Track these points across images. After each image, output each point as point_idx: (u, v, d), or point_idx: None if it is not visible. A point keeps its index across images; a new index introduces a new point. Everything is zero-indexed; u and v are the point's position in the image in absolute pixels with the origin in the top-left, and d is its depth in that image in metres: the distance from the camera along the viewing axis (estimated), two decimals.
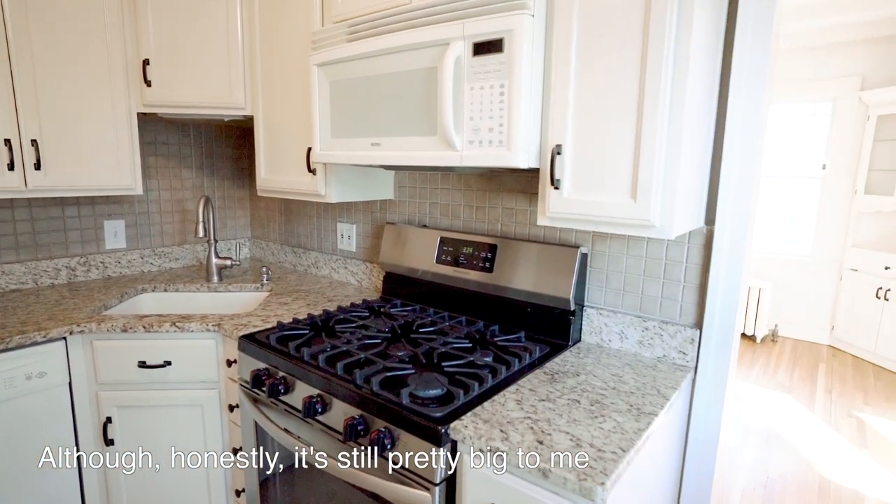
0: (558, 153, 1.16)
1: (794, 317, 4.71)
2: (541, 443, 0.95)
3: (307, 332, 1.51)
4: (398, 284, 1.89)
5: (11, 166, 1.65)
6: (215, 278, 2.20)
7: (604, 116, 1.10)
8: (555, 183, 1.18)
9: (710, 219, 1.33)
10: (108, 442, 1.66)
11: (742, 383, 3.69)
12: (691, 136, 1.11)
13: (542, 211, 1.24)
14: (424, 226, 1.86)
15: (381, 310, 1.73)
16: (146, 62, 1.88)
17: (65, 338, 1.58)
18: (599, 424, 1.03)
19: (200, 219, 2.06)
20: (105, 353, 1.62)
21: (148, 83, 1.90)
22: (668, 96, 1.02)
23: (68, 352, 1.60)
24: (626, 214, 1.09)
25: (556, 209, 1.19)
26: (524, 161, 1.17)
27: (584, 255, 1.49)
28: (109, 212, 2.23)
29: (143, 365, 1.63)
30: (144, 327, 1.60)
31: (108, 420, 1.65)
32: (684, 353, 1.38)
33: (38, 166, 1.71)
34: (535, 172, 1.59)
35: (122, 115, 1.91)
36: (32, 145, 1.70)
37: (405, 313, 1.72)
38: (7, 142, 1.64)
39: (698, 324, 1.36)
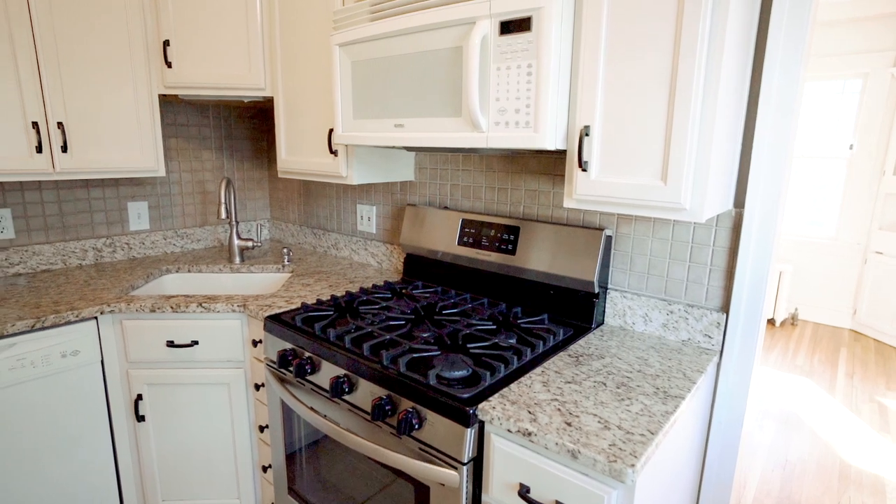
0: (586, 134, 1.14)
1: (815, 300, 4.64)
2: (569, 424, 0.96)
3: (331, 313, 1.53)
4: (419, 266, 1.90)
5: (39, 149, 1.68)
6: (237, 259, 2.22)
7: (634, 97, 1.08)
8: (582, 165, 1.16)
9: (740, 201, 1.31)
10: (140, 418, 1.71)
11: (760, 366, 3.66)
12: (724, 116, 1.08)
13: (568, 193, 1.22)
14: (446, 207, 1.85)
15: (403, 291, 1.74)
16: (166, 43, 1.87)
17: (96, 317, 1.62)
18: (627, 407, 1.04)
19: (222, 200, 2.08)
20: (134, 332, 1.66)
21: (168, 64, 1.90)
22: (702, 75, 1.00)
23: (100, 331, 1.64)
24: (655, 197, 1.08)
25: (584, 191, 1.18)
26: (551, 142, 1.15)
27: (609, 238, 1.48)
28: (133, 193, 2.26)
29: (171, 344, 1.66)
30: (172, 307, 1.64)
31: (139, 397, 1.70)
32: (710, 337, 1.37)
33: (64, 148, 1.74)
34: (558, 154, 1.57)
35: (143, 97, 1.91)
36: (59, 128, 1.72)
37: (427, 295, 1.73)
38: (35, 125, 1.66)
39: (724, 307, 1.35)
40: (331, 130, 1.73)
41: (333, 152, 1.74)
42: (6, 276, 1.92)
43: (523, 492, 0.97)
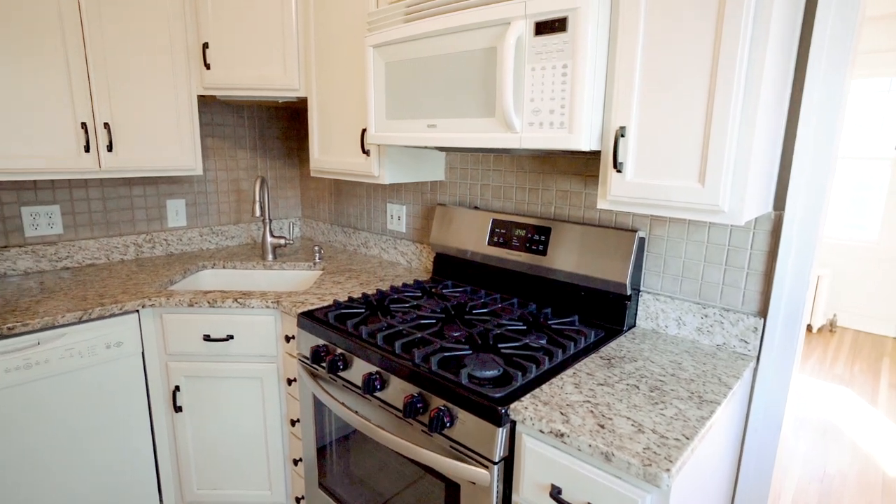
0: (622, 135, 1.13)
1: (855, 307, 4.47)
2: (602, 427, 0.96)
3: (363, 310, 1.55)
4: (449, 265, 1.91)
5: (87, 148, 1.75)
6: (270, 256, 2.28)
7: (672, 97, 1.06)
8: (617, 166, 1.15)
9: (780, 204, 1.27)
10: (177, 409, 1.77)
11: (796, 374, 3.55)
12: (765, 116, 1.05)
13: (602, 194, 1.21)
14: (476, 207, 1.86)
15: (433, 290, 1.76)
16: (206, 46, 1.93)
17: (138, 310, 1.69)
18: (660, 411, 1.02)
19: (257, 199, 2.13)
20: (173, 325, 1.72)
21: (207, 66, 1.96)
22: (743, 73, 0.98)
23: (141, 324, 1.70)
24: (693, 199, 1.06)
25: (618, 193, 1.17)
26: (586, 143, 1.15)
27: (642, 240, 1.46)
28: (171, 191, 2.33)
29: (207, 338, 1.71)
30: (209, 302, 1.69)
31: (177, 388, 1.76)
32: (746, 342, 1.34)
33: (109, 148, 1.81)
34: (591, 155, 1.55)
35: (183, 98, 1.98)
36: (105, 128, 1.79)
37: (457, 294, 1.73)
38: (83, 125, 1.74)
39: (762, 312, 1.32)
40: (363, 130, 1.76)
41: (366, 152, 1.77)
42: (55, 269, 2.01)
43: (555, 493, 0.97)
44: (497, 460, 1.04)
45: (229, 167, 2.51)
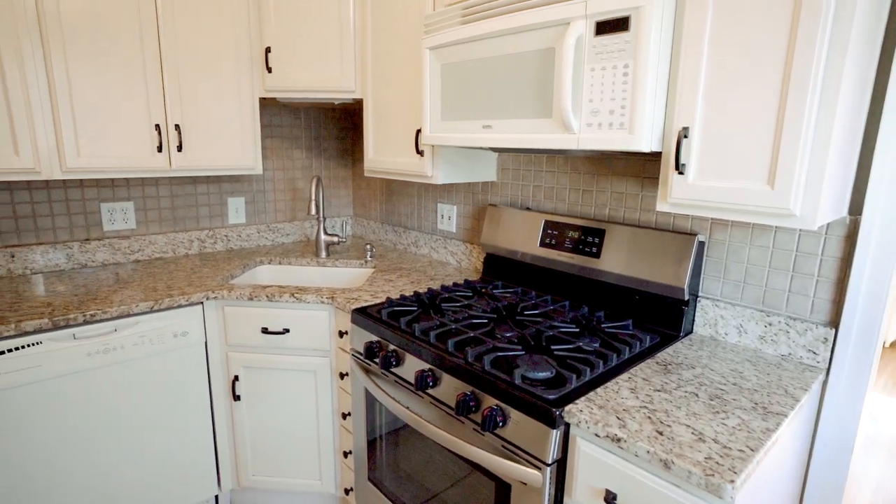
0: (685, 136, 1.10)
1: None
2: (660, 433, 0.94)
3: (415, 308, 1.58)
4: (499, 266, 1.91)
5: (160, 149, 1.86)
6: (323, 254, 2.35)
7: (740, 96, 1.02)
8: (679, 168, 1.12)
9: (856, 208, 1.20)
10: (236, 398, 1.85)
11: (870, 389, 3.32)
12: (844, 113, 1.00)
13: (662, 196, 1.18)
14: (528, 208, 1.85)
15: (484, 290, 1.76)
16: (268, 50, 2.01)
17: (202, 302, 1.78)
18: (722, 420, 0.99)
19: (313, 197, 2.20)
20: (234, 317, 1.80)
21: (269, 70, 2.04)
22: (820, 70, 0.93)
23: (205, 315, 1.79)
24: (761, 202, 1.02)
25: (680, 195, 1.14)
26: (647, 144, 1.12)
27: (701, 244, 1.41)
28: (232, 190, 2.44)
29: (265, 331, 1.79)
30: (267, 297, 1.76)
31: (236, 378, 1.84)
32: (814, 353, 1.27)
33: (179, 148, 1.92)
34: (649, 156, 1.52)
35: (246, 101, 2.07)
36: (176, 129, 1.90)
37: (507, 295, 1.73)
38: (157, 127, 1.85)
39: (833, 322, 1.25)
40: (418, 131, 1.79)
41: (420, 152, 1.79)
42: (128, 261, 2.16)
43: (609, 498, 0.96)
44: (550, 462, 1.04)
45: (286, 167, 2.60)
